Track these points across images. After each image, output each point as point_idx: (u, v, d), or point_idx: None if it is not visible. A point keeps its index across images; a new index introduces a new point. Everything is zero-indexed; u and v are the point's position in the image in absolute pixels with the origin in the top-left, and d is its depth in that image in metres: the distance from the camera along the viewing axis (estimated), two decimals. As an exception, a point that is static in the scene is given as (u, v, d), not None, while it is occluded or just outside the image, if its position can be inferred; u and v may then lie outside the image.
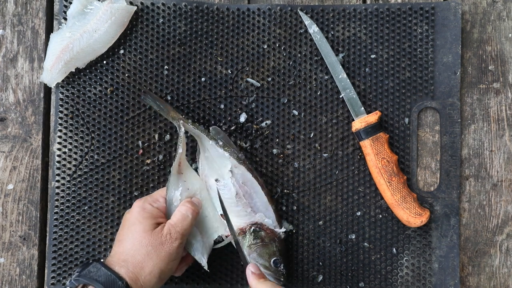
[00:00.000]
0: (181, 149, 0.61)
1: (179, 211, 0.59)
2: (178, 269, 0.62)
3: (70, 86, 0.67)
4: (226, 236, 0.63)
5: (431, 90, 0.66)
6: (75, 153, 0.67)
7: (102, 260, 0.56)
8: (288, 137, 0.67)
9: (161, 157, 0.67)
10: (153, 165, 0.67)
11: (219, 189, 0.62)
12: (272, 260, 0.61)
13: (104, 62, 0.67)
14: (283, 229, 0.63)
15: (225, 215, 0.61)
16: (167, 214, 0.61)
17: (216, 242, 0.63)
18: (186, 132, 0.64)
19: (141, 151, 0.67)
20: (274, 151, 0.67)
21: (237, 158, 0.63)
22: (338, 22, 0.67)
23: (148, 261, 0.55)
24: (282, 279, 0.61)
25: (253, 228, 0.61)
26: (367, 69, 0.67)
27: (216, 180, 0.63)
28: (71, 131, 0.67)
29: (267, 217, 0.63)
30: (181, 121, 0.63)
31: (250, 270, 0.58)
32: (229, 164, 0.62)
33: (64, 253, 0.66)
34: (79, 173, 0.67)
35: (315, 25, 0.66)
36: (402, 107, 0.66)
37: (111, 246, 0.66)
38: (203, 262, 0.60)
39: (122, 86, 0.67)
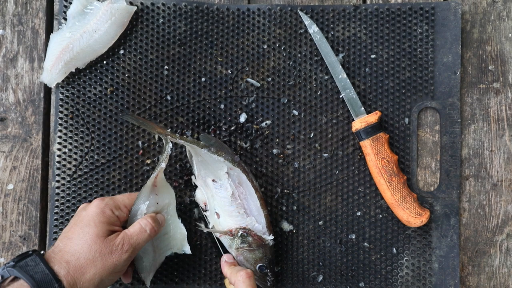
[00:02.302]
0: (163, 164, 0.60)
1: (139, 223, 0.57)
2: (127, 276, 0.61)
3: (70, 86, 0.67)
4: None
5: (431, 90, 0.66)
6: (75, 153, 0.67)
7: (42, 253, 0.53)
8: (288, 137, 0.67)
9: (161, 157, 0.67)
10: (153, 165, 0.67)
11: (215, 189, 0.62)
12: (257, 266, 0.61)
13: (104, 62, 0.67)
14: (271, 237, 0.62)
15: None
16: (127, 224, 0.59)
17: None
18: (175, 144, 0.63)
19: (141, 151, 0.67)
20: (274, 151, 0.67)
21: (232, 161, 0.62)
22: (338, 22, 0.67)
23: (91, 268, 0.52)
24: (268, 285, 0.62)
25: (241, 232, 0.61)
26: (367, 69, 0.67)
27: (213, 180, 0.63)
28: (71, 131, 0.67)
29: (258, 222, 0.62)
30: (168, 137, 0.61)
31: (224, 259, 0.61)
32: (225, 167, 0.62)
33: (64, 253, 0.66)
34: (79, 173, 0.67)
35: (315, 25, 0.66)
36: (402, 107, 0.66)
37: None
38: (147, 282, 0.61)
39: (122, 86, 0.67)
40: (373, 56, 0.67)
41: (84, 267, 0.52)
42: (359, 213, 0.66)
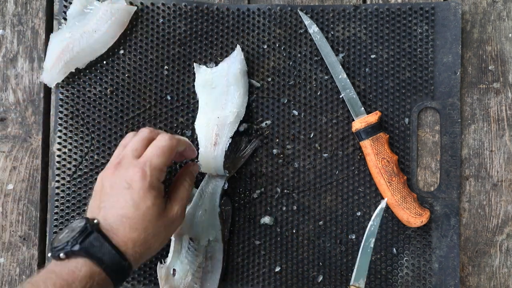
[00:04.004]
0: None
1: (184, 186, 0.56)
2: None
3: (70, 86, 0.67)
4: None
5: (431, 90, 0.66)
6: (75, 153, 0.67)
7: (96, 223, 0.48)
8: (288, 137, 0.67)
9: (161, 157, 0.67)
10: (153, 165, 0.67)
11: (188, 249, 0.61)
12: None
13: (104, 62, 0.67)
14: None
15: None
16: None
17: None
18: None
19: (141, 151, 0.67)
20: (274, 151, 0.67)
21: (223, 235, 0.63)
22: (338, 22, 0.67)
23: (156, 242, 0.51)
24: None
25: None
26: (367, 69, 0.67)
27: (191, 239, 0.61)
28: (71, 131, 0.67)
29: None
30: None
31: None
32: (214, 233, 0.62)
33: (64, 253, 0.66)
34: (79, 173, 0.67)
35: (315, 25, 0.66)
36: (402, 107, 0.66)
37: (111, 246, 0.66)
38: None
39: (122, 86, 0.67)
40: (373, 56, 0.67)
41: (149, 243, 0.50)
42: (359, 213, 0.66)
